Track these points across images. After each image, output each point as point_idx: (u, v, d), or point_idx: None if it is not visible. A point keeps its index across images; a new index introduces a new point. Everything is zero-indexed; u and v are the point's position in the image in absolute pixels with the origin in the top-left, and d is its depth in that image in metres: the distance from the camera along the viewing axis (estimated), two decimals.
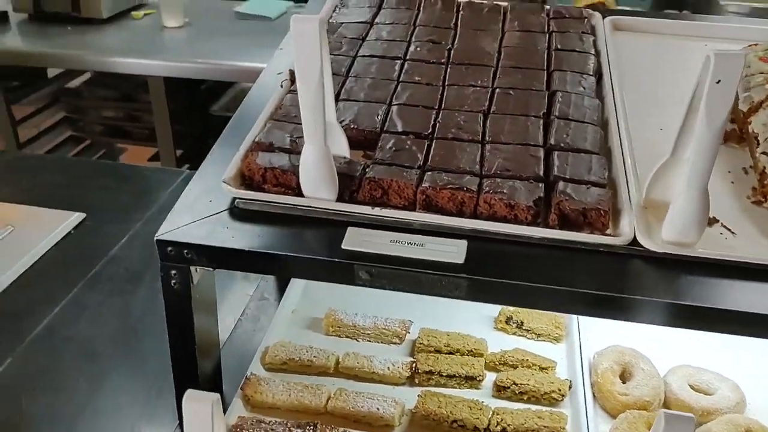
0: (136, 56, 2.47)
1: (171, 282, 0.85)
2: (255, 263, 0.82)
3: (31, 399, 1.04)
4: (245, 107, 1.05)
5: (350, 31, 1.17)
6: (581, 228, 0.82)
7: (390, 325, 1.14)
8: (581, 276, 0.78)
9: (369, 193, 0.85)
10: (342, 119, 0.95)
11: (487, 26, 1.19)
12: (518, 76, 1.06)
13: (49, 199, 1.51)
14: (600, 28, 1.22)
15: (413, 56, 1.10)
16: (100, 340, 1.15)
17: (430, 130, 0.94)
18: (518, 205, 0.82)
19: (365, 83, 1.03)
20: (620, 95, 1.04)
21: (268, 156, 0.87)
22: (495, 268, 0.79)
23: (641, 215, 0.84)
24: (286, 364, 1.07)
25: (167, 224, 0.84)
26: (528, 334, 1.15)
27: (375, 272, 0.79)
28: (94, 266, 1.32)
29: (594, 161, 0.90)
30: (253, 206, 0.85)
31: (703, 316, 0.75)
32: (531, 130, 0.94)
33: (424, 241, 0.81)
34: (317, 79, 0.77)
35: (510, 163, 0.88)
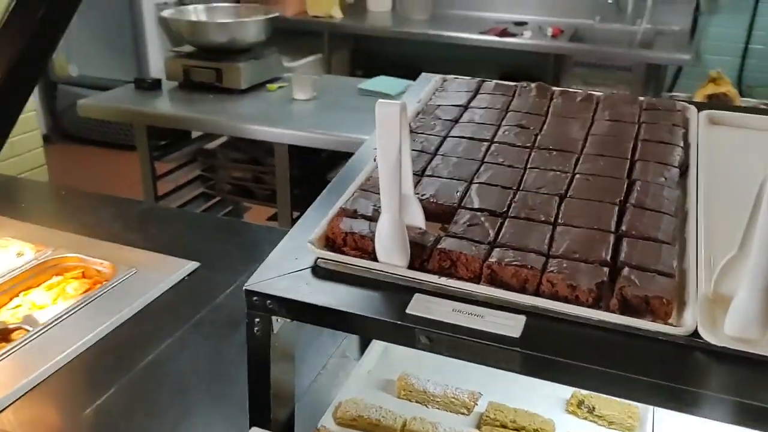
0: (266, 124, 2.71)
1: (254, 329, 0.94)
2: (327, 318, 0.89)
3: (127, 422, 1.16)
4: (342, 176, 1.15)
5: (445, 113, 1.26)
6: (643, 315, 0.83)
7: (459, 394, 1.17)
8: (635, 361, 0.79)
9: (438, 263, 0.91)
10: (423, 193, 1.02)
11: (577, 114, 1.24)
12: (600, 164, 1.09)
13: (171, 247, 1.68)
14: (694, 121, 1.23)
15: (500, 139, 1.17)
16: (193, 377, 1.27)
17: (505, 208, 0.99)
18: (579, 287, 0.85)
19: (451, 162, 1.11)
20: (705, 188, 1.05)
21: (351, 222, 0.96)
22: (550, 345, 0.81)
23: (708, 308, 0.84)
24: (356, 420, 1.12)
25: (256, 276, 0.94)
26: (599, 421, 1.14)
27: (434, 338, 0.84)
28: (199, 311, 1.46)
29: (664, 250, 0.91)
30: (332, 266, 0.94)
31: (758, 415, 0.74)
32: (604, 215, 0.97)
33: (485, 313, 0.85)
34: (395, 157, 0.85)
35: (578, 245, 0.92)
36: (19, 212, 1.84)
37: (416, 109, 1.29)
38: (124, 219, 1.82)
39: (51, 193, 2.06)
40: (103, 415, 1.18)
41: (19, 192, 2.02)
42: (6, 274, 1.53)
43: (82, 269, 1.61)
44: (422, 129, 1.21)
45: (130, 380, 1.26)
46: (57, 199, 2.02)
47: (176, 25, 3.05)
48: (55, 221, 1.80)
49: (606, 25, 4.60)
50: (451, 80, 1.40)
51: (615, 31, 4.54)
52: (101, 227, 1.77)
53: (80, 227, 1.77)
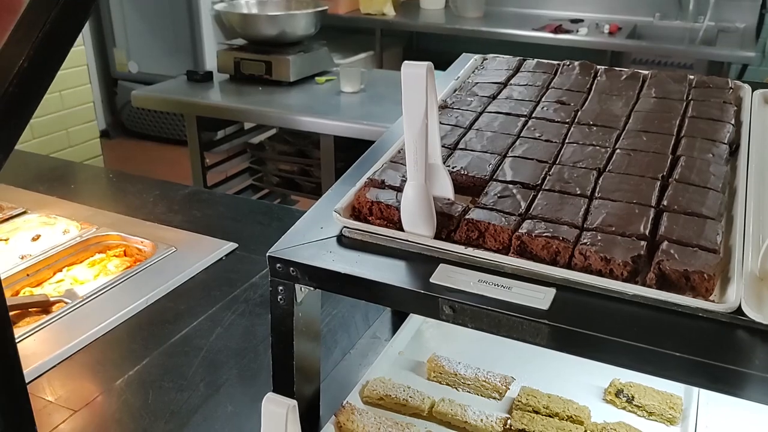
0: (312, 115, 2.71)
1: (278, 297, 0.93)
2: (349, 287, 0.87)
3: (157, 394, 1.16)
4: (373, 149, 1.13)
5: (483, 89, 1.23)
6: (683, 291, 0.78)
7: (491, 378, 1.13)
8: (672, 338, 0.74)
9: (466, 233, 0.88)
10: (454, 166, 0.99)
11: (621, 91, 1.19)
12: (643, 140, 1.04)
13: (211, 228, 1.69)
14: (747, 100, 1.16)
15: (538, 115, 1.13)
16: (224, 353, 1.26)
17: (538, 181, 0.95)
18: (614, 260, 0.80)
19: (485, 136, 1.07)
20: (756, 166, 0.98)
21: (377, 191, 0.94)
22: (580, 318, 0.77)
23: (754, 285, 0.78)
24: (383, 399, 1.10)
25: (280, 243, 0.93)
26: (638, 411, 1.08)
27: (458, 308, 0.81)
28: (235, 290, 1.46)
29: (708, 226, 0.85)
30: (358, 236, 0.92)
31: None
32: (645, 190, 0.92)
33: (512, 285, 0.82)
34: (421, 121, 0.83)
35: (614, 219, 0.87)
36: (69, 193, 1.89)
37: (454, 86, 1.26)
38: (167, 201, 1.84)
39: (99, 176, 2.11)
40: (134, 386, 1.19)
41: (70, 175, 2.07)
42: (50, 249, 1.57)
43: (124, 247, 1.63)
44: (458, 105, 1.18)
45: (162, 354, 1.26)
46: (105, 181, 2.07)
47: (228, 18, 3.10)
48: (102, 202, 1.84)
49: (666, 22, 4.45)
50: (491, 59, 1.36)
51: (676, 29, 4.38)
52: (145, 209, 1.80)
53: (125, 208, 1.80)
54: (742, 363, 0.71)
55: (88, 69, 3.55)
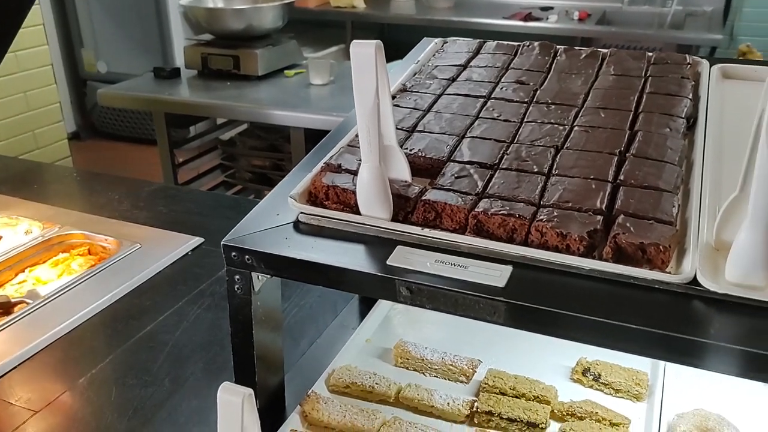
0: (282, 108, 2.68)
1: (235, 287, 0.91)
2: (306, 273, 0.86)
3: (120, 391, 1.14)
4: (332, 135, 1.12)
5: (442, 72, 1.22)
6: (640, 264, 0.78)
7: (458, 362, 1.12)
8: (629, 310, 0.73)
9: (423, 215, 0.87)
10: (412, 148, 0.98)
11: (581, 70, 1.18)
12: (601, 116, 1.03)
13: (177, 224, 1.67)
14: (705, 75, 1.16)
15: (497, 95, 1.12)
16: (190, 347, 1.24)
17: (496, 161, 0.95)
18: (570, 236, 0.80)
19: (444, 118, 1.06)
20: (713, 140, 0.98)
21: (333, 176, 0.93)
22: (537, 294, 0.77)
23: (709, 255, 0.78)
24: (349, 387, 1.08)
25: (235, 232, 0.91)
26: (605, 389, 1.08)
27: (415, 289, 0.80)
28: (201, 284, 1.44)
29: (664, 198, 0.85)
30: (314, 221, 0.90)
31: (762, 364, 0.68)
32: (602, 166, 0.92)
33: (469, 264, 0.81)
34: (372, 101, 0.81)
35: (571, 195, 0.86)
36: (32, 193, 1.85)
37: (414, 69, 1.25)
38: (132, 199, 1.81)
39: (64, 176, 2.07)
40: (97, 384, 1.16)
41: (34, 176, 2.03)
42: (11, 250, 1.53)
43: (88, 246, 1.60)
44: (417, 88, 1.17)
45: (126, 351, 1.24)
46: (69, 181, 2.03)
47: (194, 13, 3.06)
48: (66, 201, 1.81)
49: (635, 7, 4.47)
50: (451, 42, 1.35)
51: (644, 14, 4.41)
52: (109, 206, 1.77)
53: (89, 206, 1.77)
54: (698, 333, 0.70)
55: (53, 69, 3.49)
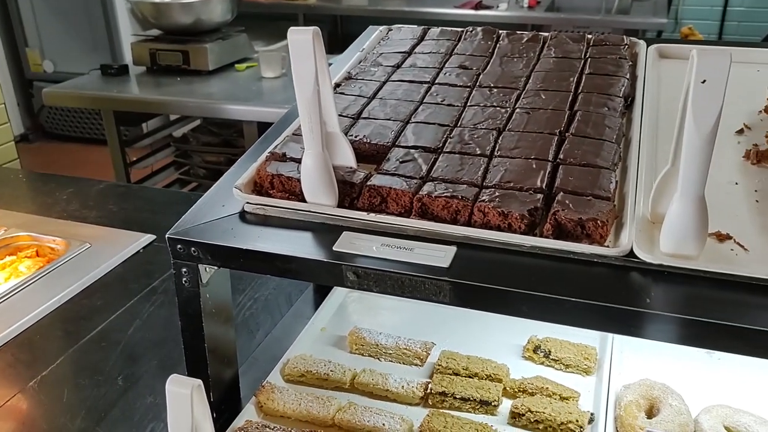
0: (234, 102, 2.66)
1: (182, 279, 0.91)
2: (253, 262, 0.86)
3: (72, 392, 1.13)
4: (277, 125, 1.11)
5: (387, 59, 1.22)
6: (579, 240, 0.80)
7: (411, 345, 1.13)
8: (569, 284, 0.75)
9: (368, 200, 0.87)
10: (356, 135, 0.98)
11: (522, 53, 1.20)
12: (542, 98, 1.05)
13: (128, 222, 1.64)
14: (642, 55, 1.19)
15: (441, 81, 1.13)
16: (143, 345, 1.23)
17: (439, 144, 0.96)
18: (512, 214, 0.81)
19: (388, 104, 1.07)
20: (650, 117, 1.01)
21: (278, 164, 0.92)
22: (480, 273, 0.78)
23: (646, 228, 0.80)
24: (304, 376, 1.09)
25: (180, 224, 0.90)
26: (556, 365, 1.11)
27: (361, 273, 0.80)
28: (153, 281, 1.42)
29: (602, 175, 0.87)
30: (260, 211, 0.90)
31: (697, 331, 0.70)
32: (542, 146, 0.94)
33: (414, 247, 0.82)
34: (312, 87, 0.81)
35: (512, 175, 0.88)
36: None
37: (359, 57, 1.25)
38: (81, 198, 1.78)
39: (8, 177, 2.01)
40: (48, 386, 1.14)
41: None
42: None
43: (36, 247, 1.57)
44: (362, 75, 1.17)
45: (77, 351, 1.22)
46: (14, 182, 1.97)
47: (140, 8, 3.00)
48: (11, 203, 1.77)
49: None
50: (396, 29, 1.35)
51: (592, 0, 4.48)
52: (57, 207, 1.73)
53: (36, 208, 1.73)
54: (635, 303, 0.72)
55: None
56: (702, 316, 0.70)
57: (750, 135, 0.99)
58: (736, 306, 0.71)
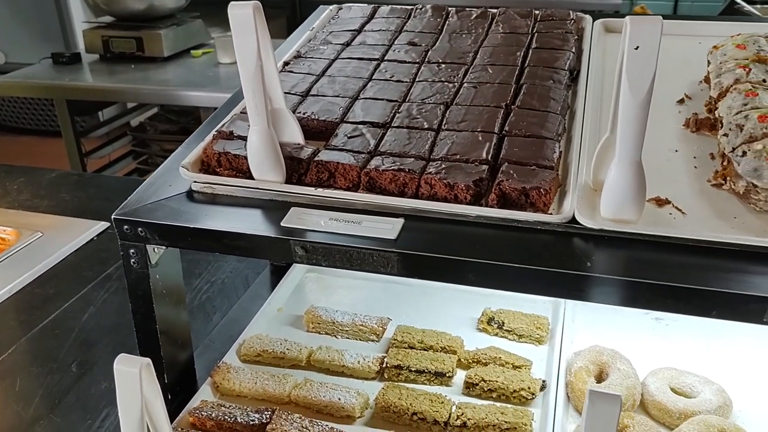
0: (191, 89, 2.62)
1: (131, 261, 0.90)
2: (201, 241, 0.85)
3: (25, 380, 1.11)
4: (226, 104, 1.10)
5: (336, 37, 1.22)
6: (524, 209, 0.81)
7: (368, 321, 1.14)
8: (513, 252, 0.76)
9: (316, 175, 0.87)
10: (305, 112, 0.98)
11: (471, 30, 1.21)
12: (489, 72, 1.06)
13: (81, 210, 1.62)
14: (588, 29, 1.21)
15: (390, 57, 1.13)
16: (98, 332, 1.22)
17: (388, 119, 0.96)
18: (458, 185, 0.82)
19: (337, 81, 1.07)
20: (595, 89, 1.02)
21: (225, 143, 0.92)
22: (427, 244, 0.79)
23: (588, 196, 0.82)
24: (260, 355, 1.09)
25: (126, 205, 0.89)
26: (509, 335, 1.12)
27: (309, 248, 0.81)
28: (107, 268, 1.40)
29: (546, 146, 0.89)
30: (208, 189, 0.89)
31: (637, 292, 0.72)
32: (489, 119, 0.94)
33: (362, 220, 0.82)
34: (255, 63, 0.81)
35: (459, 148, 0.89)
36: None
37: (309, 36, 1.25)
38: (32, 187, 1.74)
39: None
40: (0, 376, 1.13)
41: None
42: None
43: None
44: (311, 54, 1.16)
45: (30, 340, 1.20)
46: None
47: None
48: None
49: None
50: (346, 8, 1.35)
51: None
52: (8, 197, 1.70)
53: None
54: (576, 267, 0.74)
55: None
56: (641, 277, 0.72)
57: (690, 104, 1.01)
58: (674, 267, 0.73)
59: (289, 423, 0.93)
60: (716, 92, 0.94)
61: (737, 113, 0.86)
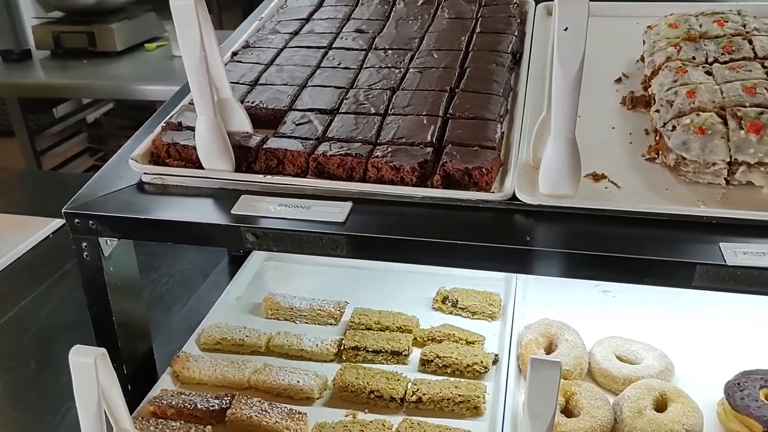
0: (146, 83, 2.60)
1: (83, 254, 0.91)
2: (153, 232, 0.86)
3: None
4: (174, 97, 1.11)
5: (285, 26, 1.23)
6: (468, 188, 0.84)
7: (325, 306, 1.16)
8: (458, 230, 0.79)
9: (265, 163, 0.89)
10: (254, 100, 1.00)
11: (417, 16, 1.23)
12: (435, 57, 1.08)
13: (36, 208, 1.60)
14: (531, 13, 1.24)
15: (338, 45, 1.15)
16: (57, 328, 1.22)
17: (335, 106, 0.98)
18: (404, 168, 0.84)
19: (285, 70, 1.08)
20: (537, 71, 1.06)
21: (173, 134, 0.93)
22: (374, 225, 0.81)
23: (529, 173, 0.85)
24: (220, 343, 1.10)
25: (77, 199, 0.90)
26: (463, 312, 1.16)
27: (260, 234, 0.82)
28: (65, 265, 1.40)
29: (489, 127, 0.91)
30: (158, 180, 0.90)
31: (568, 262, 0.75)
32: (434, 102, 0.97)
33: (311, 205, 0.84)
34: (198, 53, 0.82)
35: (405, 131, 0.91)
36: None
37: (257, 26, 1.26)
38: None
39: None
40: None
41: None
42: None
43: None
44: (260, 43, 1.17)
45: None
46: None
47: None
48: None
49: None
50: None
51: None
52: None
53: None
54: (516, 242, 0.77)
55: None
56: (578, 249, 0.75)
57: (627, 83, 1.05)
58: (609, 238, 0.77)
59: (249, 407, 0.95)
60: (650, 70, 0.98)
61: (668, 90, 0.90)
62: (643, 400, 0.92)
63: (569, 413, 0.95)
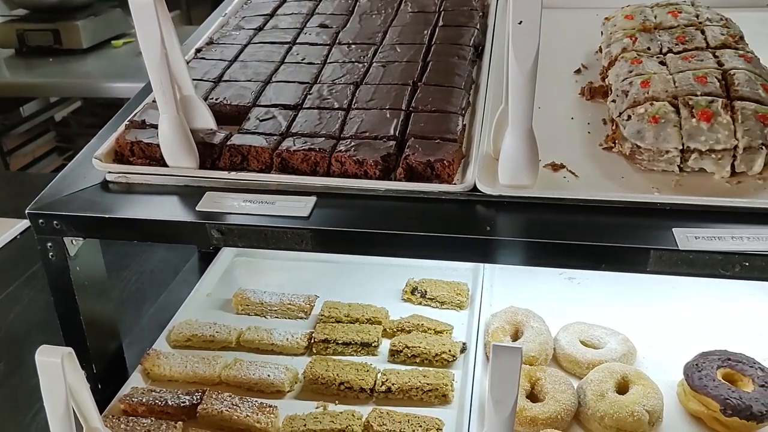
0: (114, 80, 2.57)
1: (48, 254, 0.91)
2: (117, 230, 0.86)
3: None
4: (137, 95, 1.11)
5: (249, 23, 1.23)
6: (431, 180, 0.85)
7: (295, 300, 1.17)
8: (419, 221, 0.81)
9: (229, 159, 0.89)
10: (217, 97, 1.00)
11: (381, 10, 1.24)
12: (398, 51, 1.10)
13: (3, 208, 1.59)
14: (493, 7, 1.25)
15: (302, 40, 1.15)
16: (26, 329, 1.21)
17: (299, 101, 0.99)
18: (367, 162, 0.85)
19: (249, 66, 1.08)
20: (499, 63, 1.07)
21: (137, 132, 0.93)
22: (338, 219, 0.82)
23: (489, 165, 0.86)
24: (190, 340, 1.11)
25: (40, 199, 0.90)
26: (432, 303, 1.18)
27: (225, 230, 0.83)
28: (33, 266, 1.39)
29: (451, 120, 0.93)
30: (122, 179, 0.90)
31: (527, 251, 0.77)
32: (396, 96, 0.98)
33: (275, 200, 0.85)
34: (159, 51, 0.82)
35: (368, 125, 0.92)
36: None
37: (221, 22, 1.26)
38: None
39: None
40: None
41: None
42: None
43: None
44: (223, 40, 1.18)
45: None
46: None
47: None
48: None
49: None
50: None
51: None
52: None
53: None
54: (477, 232, 0.79)
55: None
56: (537, 237, 0.77)
57: (587, 74, 1.07)
58: (566, 226, 0.79)
59: (220, 402, 0.96)
60: (607, 61, 1.00)
61: (623, 80, 0.92)
62: (606, 383, 0.95)
63: (534, 398, 0.97)
